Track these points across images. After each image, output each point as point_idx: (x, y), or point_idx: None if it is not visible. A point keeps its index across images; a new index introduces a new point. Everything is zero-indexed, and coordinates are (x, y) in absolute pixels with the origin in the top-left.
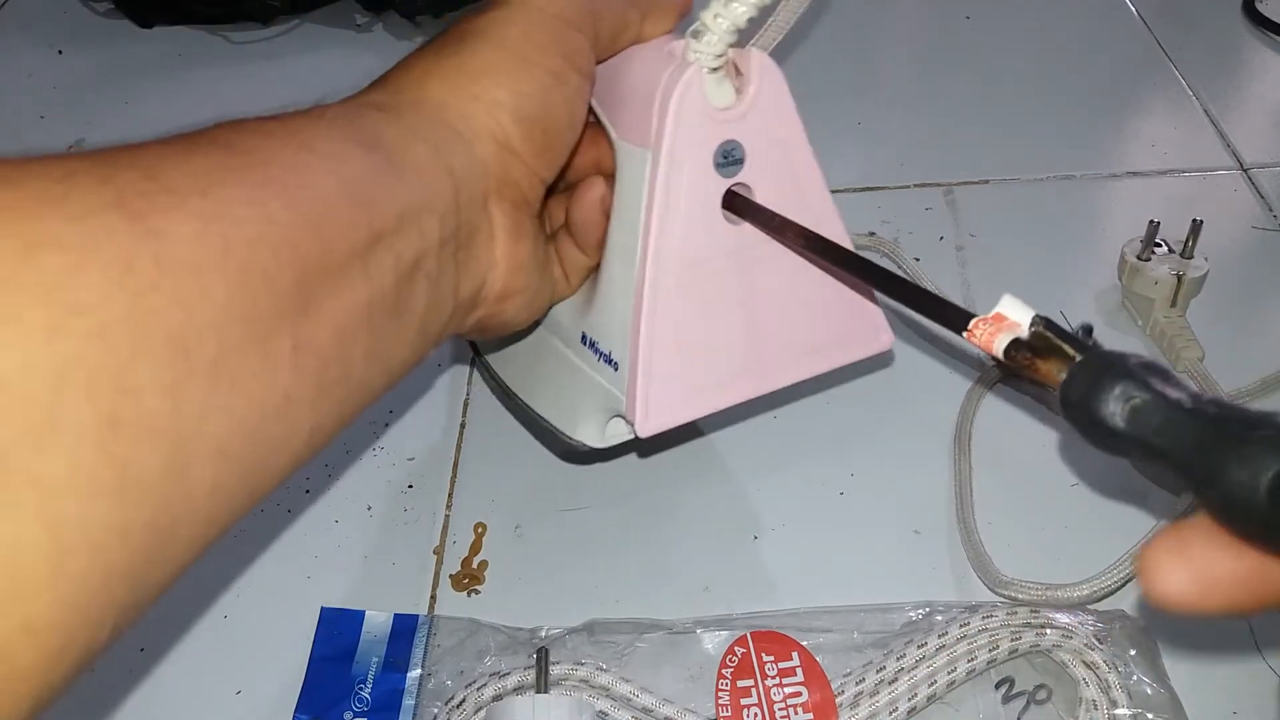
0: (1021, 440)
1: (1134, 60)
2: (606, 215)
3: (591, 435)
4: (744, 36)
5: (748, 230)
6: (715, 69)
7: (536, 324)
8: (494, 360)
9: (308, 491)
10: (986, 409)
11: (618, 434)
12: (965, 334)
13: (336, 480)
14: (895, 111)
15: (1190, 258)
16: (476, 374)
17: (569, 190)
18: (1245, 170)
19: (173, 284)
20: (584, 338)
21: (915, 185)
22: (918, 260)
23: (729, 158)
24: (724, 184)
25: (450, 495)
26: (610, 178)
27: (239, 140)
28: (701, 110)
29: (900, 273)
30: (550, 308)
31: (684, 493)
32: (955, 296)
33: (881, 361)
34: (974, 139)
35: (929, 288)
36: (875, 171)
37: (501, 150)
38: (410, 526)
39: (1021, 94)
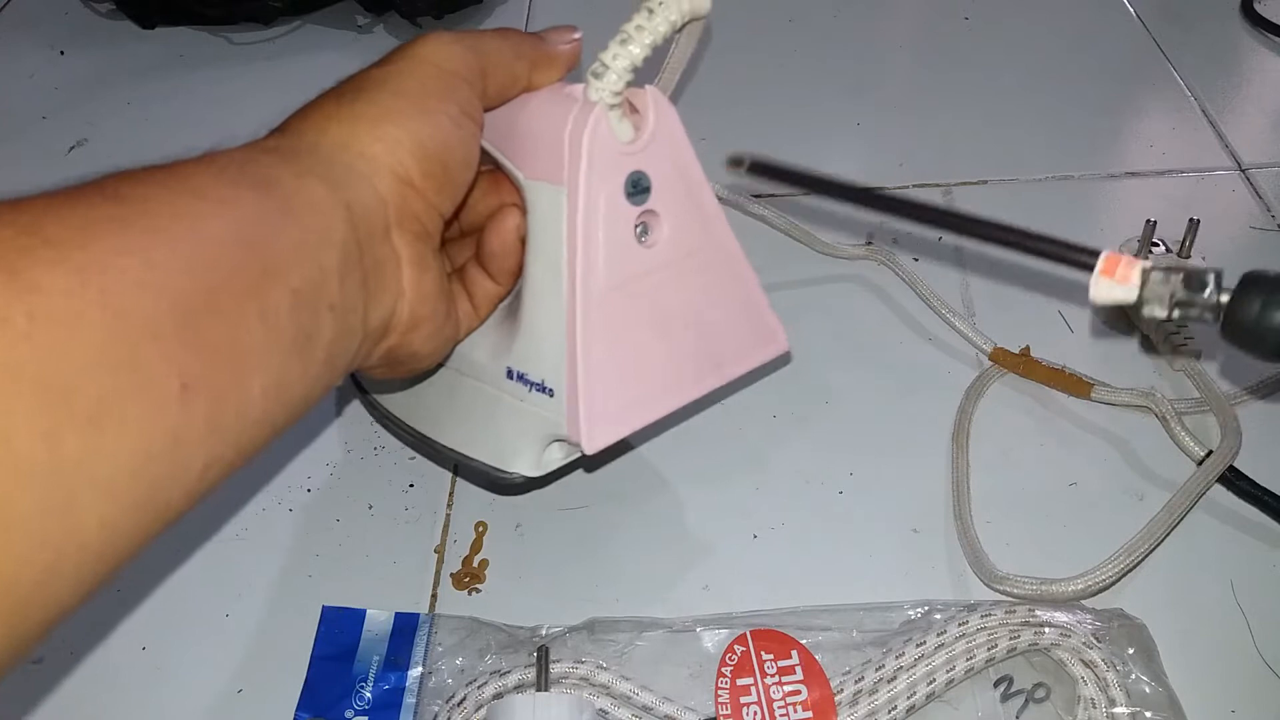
0: (1019, 439)
1: (1132, 61)
2: (522, 242)
3: (528, 465)
4: (638, 76)
5: (658, 253)
6: (615, 106)
7: (440, 367)
8: (401, 411)
9: (309, 490)
10: (984, 408)
11: (553, 460)
12: (1098, 273)
13: (338, 479)
14: (894, 111)
15: (1188, 257)
16: None
17: (471, 234)
18: (1243, 170)
19: (46, 335)
20: (510, 372)
21: (914, 185)
22: (916, 260)
23: (637, 187)
24: (634, 212)
25: (451, 494)
26: (520, 210)
27: (127, 190)
28: (610, 145)
29: (899, 278)
30: (456, 343)
31: (684, 492)
32: (954, 297)
33: (782, 362)
34: (972, 139)
35: (928, 290)
36: (874, 171)
37: (401, 185)
38: (411, 525)
39: (1020, 94)
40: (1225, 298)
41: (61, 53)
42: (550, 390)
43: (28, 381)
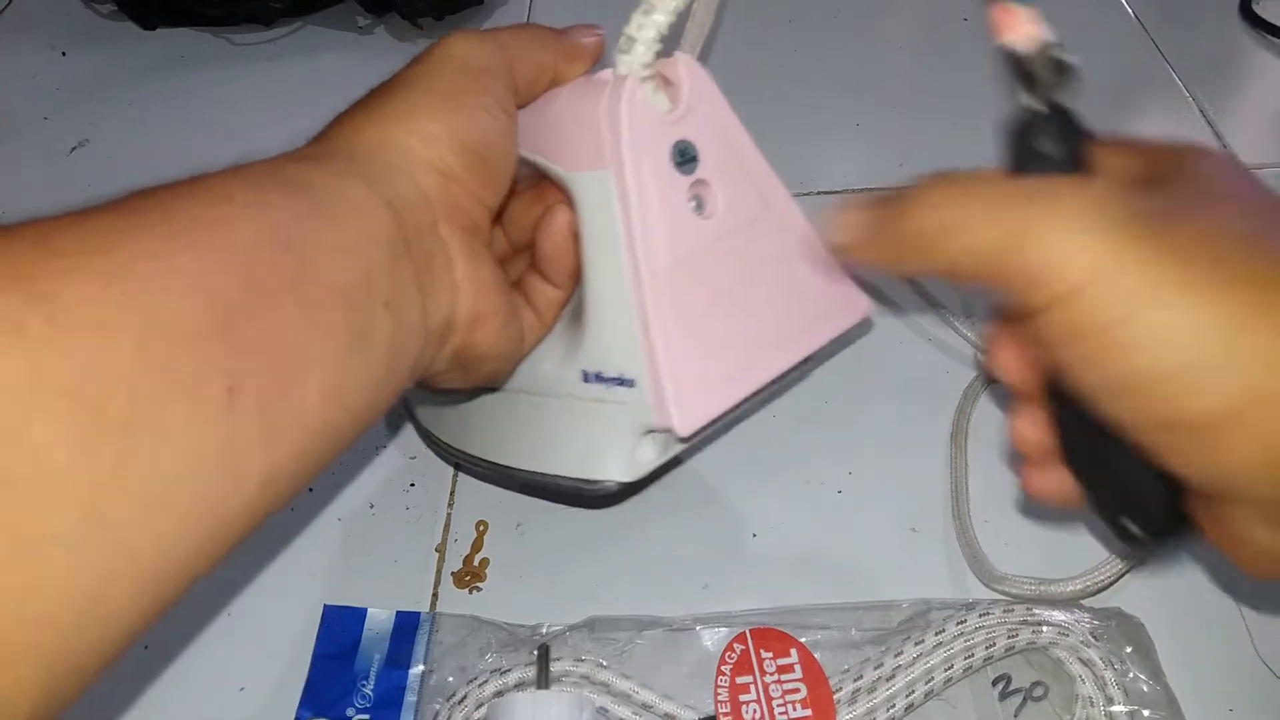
0: None
1: (1130, 62)
2: (576, 240)
3: (620, 470)
4: (666, 45)
5: (717, 223)
6: (648, 79)
7: (509, 392)
8: (476, 447)
9: (310, 489)
10: (983, 407)
11: (646, 461)
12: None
13: (339, 478)
14: (894, 112)
15: None
16: None
17: (524, 249)
18: None
19: (71, 342)
20: (585, 375)
21: None
22: None
23: (684, 155)
24: (685, 182)
25: (452, 493)
26: (568, 208)
27: (146, 202)
28: (649, 116)
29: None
30: (524, 351)
31: (683, 491)
32: (954, 297)
33: (863, 330)
34: (972, 140)
35: (928, 289)
36: (874, 172)
37: (443, 179)
38: (412, 524)
39: None
40: (1049, 91)
41: (63, 53)
42: (631, 380)
43: (52, 389)
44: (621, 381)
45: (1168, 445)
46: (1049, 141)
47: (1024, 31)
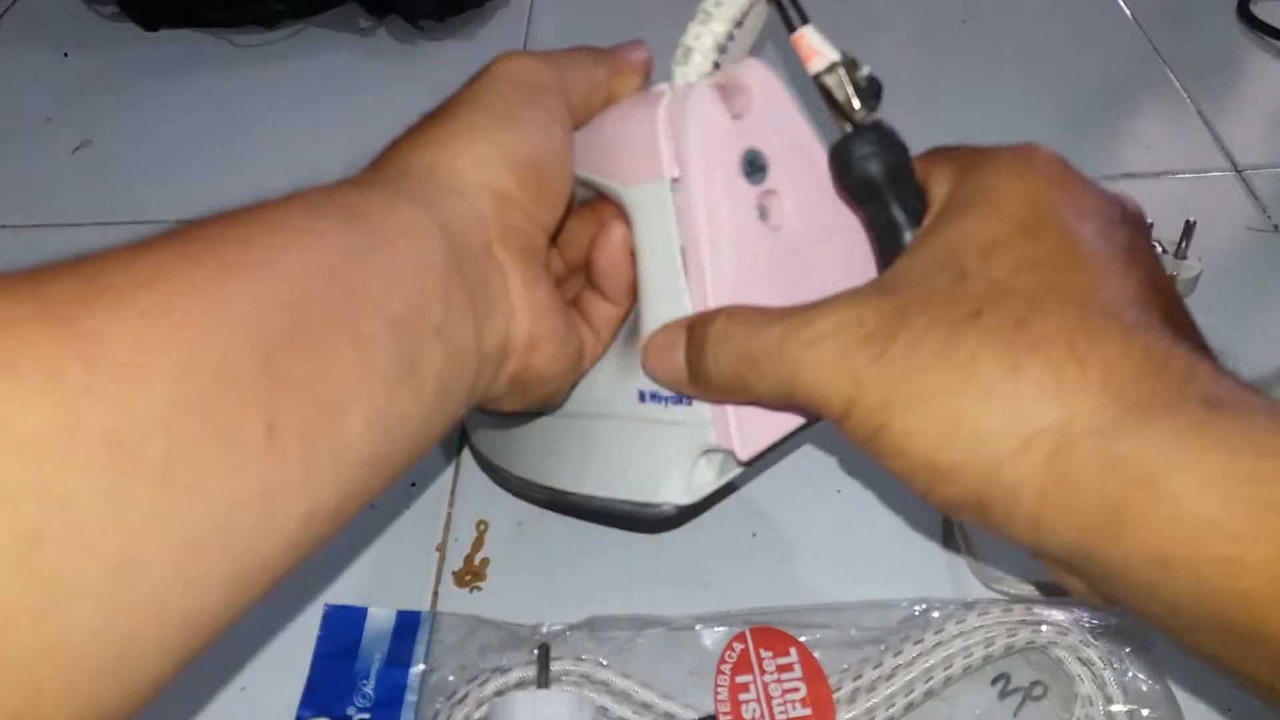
0: None
1: (1128, 62)
2: (632, 255)
3: (678, 491)
4: (723, 53)
5: (786, 235)
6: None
7: (563, 417)
8: (532, 473)
9: None
10: None
11: (705, 483)
12: (794, 35)
13: None
14: (892, 114)
15: (1184, 258)
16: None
17: (579, 270)
18: (1239, 172)
19: (108, 386)
20: (642, 395)
21: None
22: None
23: (754, 165)
24: (754, 192)
25: (453, 493)
26: (623, 223)
27: (198, 231)
28: (718, 122)
29: None
30: (583, 369)
31: None
32: None
33: None
34: (969, 142)
35: None
36: None
37: (498, 199)
38: (413, 524)
39: (1016, 97)
40: (856, 111)
41: (65, 54)
42: (689, 398)
43: (88, 438)
44: (679, 399)
45: (958, 518)
46: (870, 163)
47: (818, 56)
